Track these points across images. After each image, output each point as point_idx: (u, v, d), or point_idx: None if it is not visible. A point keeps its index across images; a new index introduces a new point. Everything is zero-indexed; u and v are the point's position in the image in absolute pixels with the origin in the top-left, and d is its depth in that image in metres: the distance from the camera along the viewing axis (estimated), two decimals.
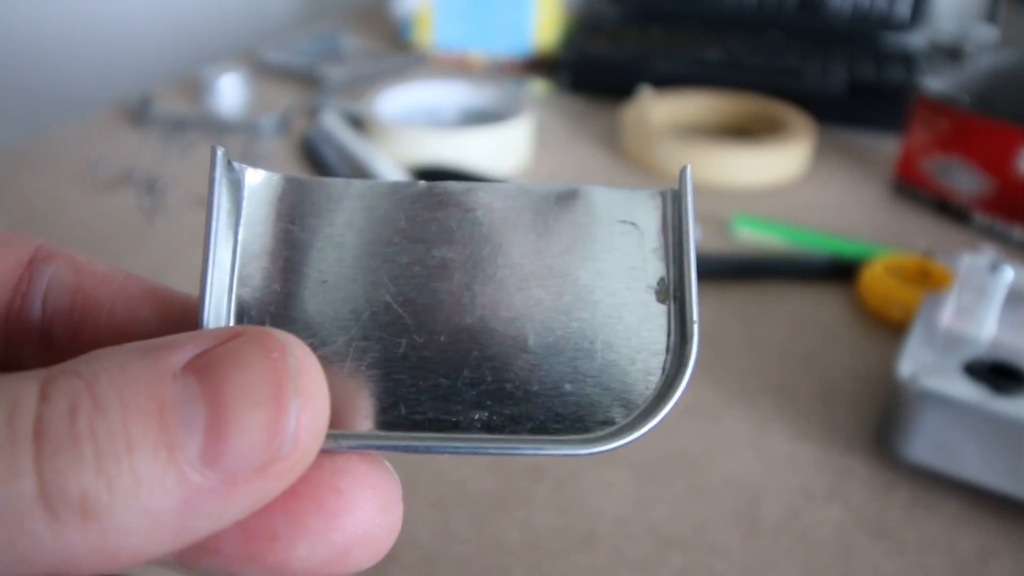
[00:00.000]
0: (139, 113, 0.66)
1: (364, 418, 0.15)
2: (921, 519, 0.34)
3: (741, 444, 0.37)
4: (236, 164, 0.16)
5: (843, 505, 0.34)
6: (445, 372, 0.15)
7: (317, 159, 0.60)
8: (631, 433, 0.15)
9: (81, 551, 0.12)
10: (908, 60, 0.73)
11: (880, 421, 0.37)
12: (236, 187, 0.16)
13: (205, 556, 0.15)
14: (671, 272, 0.16)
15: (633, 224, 0.16)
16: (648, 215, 0.16)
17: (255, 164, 0.17)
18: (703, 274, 0.52)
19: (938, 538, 0.33)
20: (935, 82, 0.57)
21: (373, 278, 0.16)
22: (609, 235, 0.16)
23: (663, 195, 0.16)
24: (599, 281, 0.16)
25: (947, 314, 0.38)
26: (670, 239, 0.16)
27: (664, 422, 0.15)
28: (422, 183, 0.16)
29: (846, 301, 0.48)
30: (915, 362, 0.35)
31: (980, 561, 0.32)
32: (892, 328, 0.45)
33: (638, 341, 0.15)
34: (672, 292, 0.16)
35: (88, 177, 0.58)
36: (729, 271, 0.49)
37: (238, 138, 0.64)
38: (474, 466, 0.35)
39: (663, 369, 0.15)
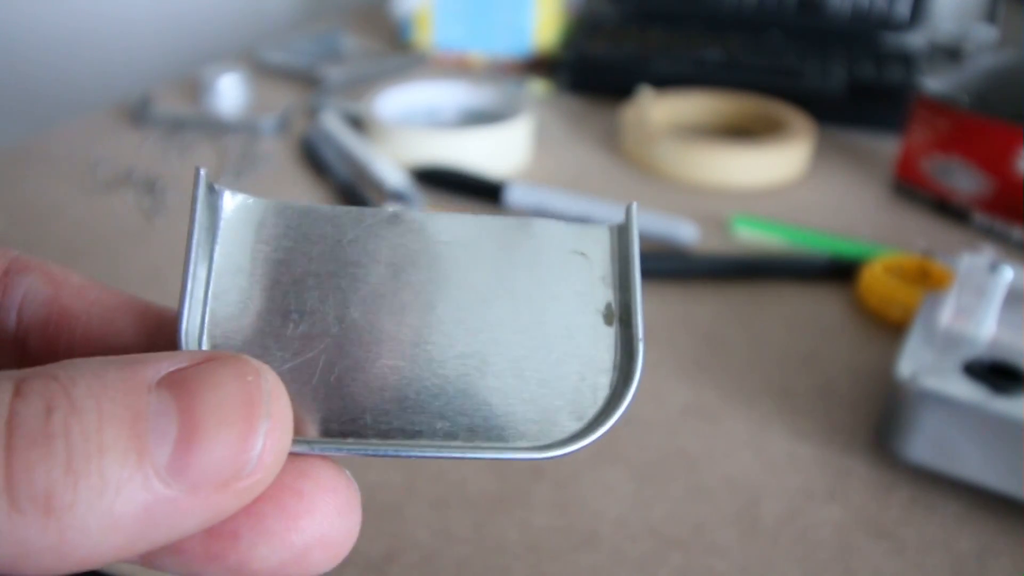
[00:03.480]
0: (139, 113, 0.66)
1: (332, 426, 0.16)
2: (921, 519, 0.34)
3: (741, 444, 0.37)
4: (216, 186, 0.17)
5: (843, 505, 0.34)
6: (410, 385, 0.16)
7: (317, 159, 0.60)
8: (580, 441, 0.16)
9: (36, 546, 0.12)
10: (908, 60, 0.73)
11: (880, 421, 0.37)
12: (215, 208, 0.17)
13: (169, 555, 0.15)
14: (618, 297, 0.17)
15: (583, 255, 0.18)
16: (597, 246, 0.18)
17: (255, 164, 0.17)
18: (703, 273, 0.53)
19: (938, 538, 0.33)
20: (935, 82, 0.57)
21: (342, 296, 0.17)
22: (563, 264, 0.18)
23: (611, 229, 0.18)
24: (553, 305, 0.17)
25: (947, 314, 0.38)
26: (617, 268, 0.18)
27: (611, 432, 0.16)
28: (388, 210, 0.18)
29: (846, 301, 0.48)
30: (915, 362, 0.35)
31: (980, 561, 0.32)
32: (892, 328, 0.45)
33: (588, 360, 0.17)
34: (619, 315, 0.17)
35: (88, 177, 0.58)
36: (729, 271, 0.49)
37: (238, 138, 0.64)
38: (474, 466, 0.35)
39: (611, 385, 0.17)
